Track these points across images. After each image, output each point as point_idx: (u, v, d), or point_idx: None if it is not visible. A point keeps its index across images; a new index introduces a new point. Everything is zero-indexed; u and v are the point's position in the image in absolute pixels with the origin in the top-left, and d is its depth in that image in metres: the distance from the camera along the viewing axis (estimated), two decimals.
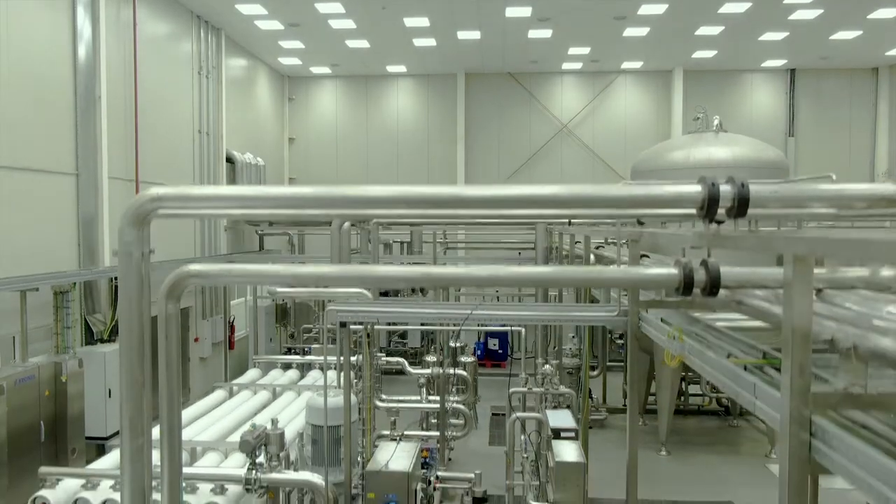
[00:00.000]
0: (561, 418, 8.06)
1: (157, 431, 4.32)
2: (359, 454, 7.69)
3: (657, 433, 13.21)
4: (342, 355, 7.27)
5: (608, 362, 17.13)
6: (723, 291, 4.16)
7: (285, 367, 12.62)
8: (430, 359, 12.31)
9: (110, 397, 11.49)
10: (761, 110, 23.32)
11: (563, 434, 7.62)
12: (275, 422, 6.60)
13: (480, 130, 23.86)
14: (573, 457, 6.98)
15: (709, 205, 3.56)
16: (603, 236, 9.84)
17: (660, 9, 16.61)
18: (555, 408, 8.73)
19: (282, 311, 20.08)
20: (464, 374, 12.03)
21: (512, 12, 16.82)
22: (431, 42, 19.56)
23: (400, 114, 24.38)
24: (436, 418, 11.91)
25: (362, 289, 10.27)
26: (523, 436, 8.98)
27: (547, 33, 18.63)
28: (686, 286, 4.07)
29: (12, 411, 9.22)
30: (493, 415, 15.01)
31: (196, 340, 16.75)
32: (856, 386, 2.59)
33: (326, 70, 23.52)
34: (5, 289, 9.54)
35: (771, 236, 3.01)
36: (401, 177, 24.09)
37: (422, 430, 11.90)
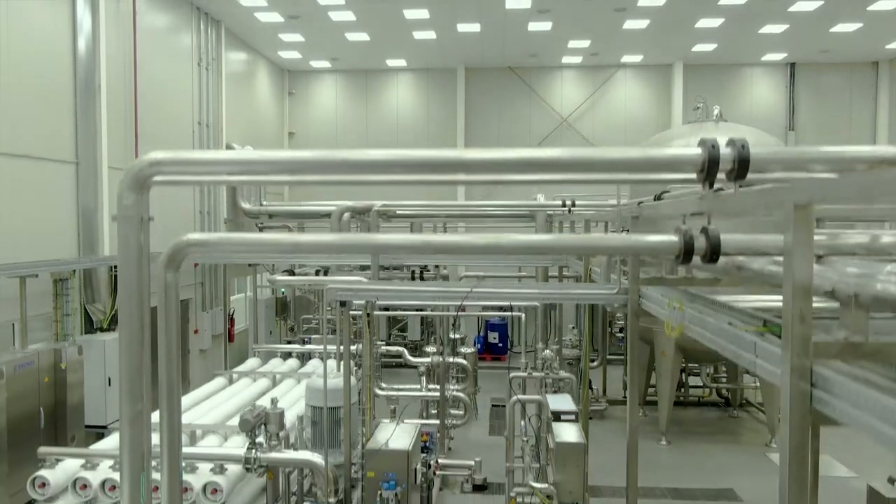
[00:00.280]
0: (561, 402, 8.06)
1: (156, 416, 4.30)
2: (359, 436, 7.67)
3: (657, 423, 13.20)
4: (342, 338, 7.26)
5: (608, 355, 17.14)
6: (723, 259, 4.16)
7: (285, 356, 12.62)
8: (430, 349, 12.32)
9: (110, 385, 11.48)
10: (761, 104, 23.30)
11: (563, 417, 7.62)
12: (274, 401, 6.60)
13: (480, 125, 23.83)
14: (573, 437, 6.98)
15: (709, 167, 3.55)
16: (603, 220, 9.83)
17: (660, 0, 16.60)
18: (555, 392, 8.72)
19: (282, 305, 20.08)
20: (463, 362, 12.02)
21: (512, 4, 16.81)
22: (431, 35, 19.54)
23: (400, 108, 24.36)
24: (436, 408, 11.91)
25: (361, 277, 10.27)
26: (523, 421, 8.98)
27: (547, 26, 18.61)
28: (686, 253, 4.06)
29: (12, 397, 9.21)
30: (493, 406, 15.00)
31: (196, 332, 16.73)
32: (857, 335, 2.58)
33: (326, 64, 23.50)
34: (4, 274, 9.53)
35: (771, 190, 3.00)
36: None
37: (422, 419, 11.89)
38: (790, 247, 2.65)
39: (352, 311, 7.75)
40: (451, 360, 11.76)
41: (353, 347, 9.35)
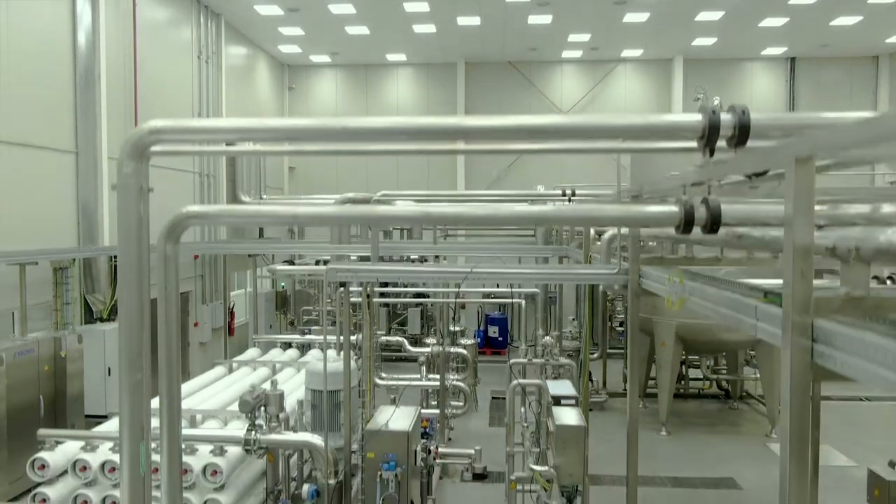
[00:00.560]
0: (561, 387, 8.04)
1: (156, 402, 4.28)
2: (359, 419, 7.66)
3: (657, 415, 13.19)
4: (341, 321, 7.25)
5: (608, 349, 17.13)
6: (723, 229, 4.15)
7: (285, 346, 12.60)
8: (430, 340, 12.31)
9: (110, 375, 11.49)
10: (761, 99, 23.29)
11: (563, 402, 7.60)
12: (274, 383, 6.59)
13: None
14: (574, 420, 6.96)
15: (709, 133, 3.54)
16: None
17: None
18: (555, 379, 8.71)
19: (282, 299, 20.07)
20: (463, 352, 12.00)
21: None
22: (431, 28, 19.54)
23: (400, 103, 24.34)
24: (436, 398, 11.89)
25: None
26: (523, 408, 8.97)
27: (547, 19, 18.60)
28: (686, 223, 4.04)
29: (12, 385, 9.21)
30: (494, 398, 14.99)
31: (196, 325, 16.73)
32: (858, 289, 2.57)
33: (326, 58, 23.49)
34: (4, 261, 9.52)
35: (771, 147, 2.99)
36: (400, 167, 24.02)
37: (422, 409, 11.88)
38: (791, 200, 2.64)
39: (352, 299, 7.75)
40: (451, 349, 11.74)
41: (354, 338, 9.36)
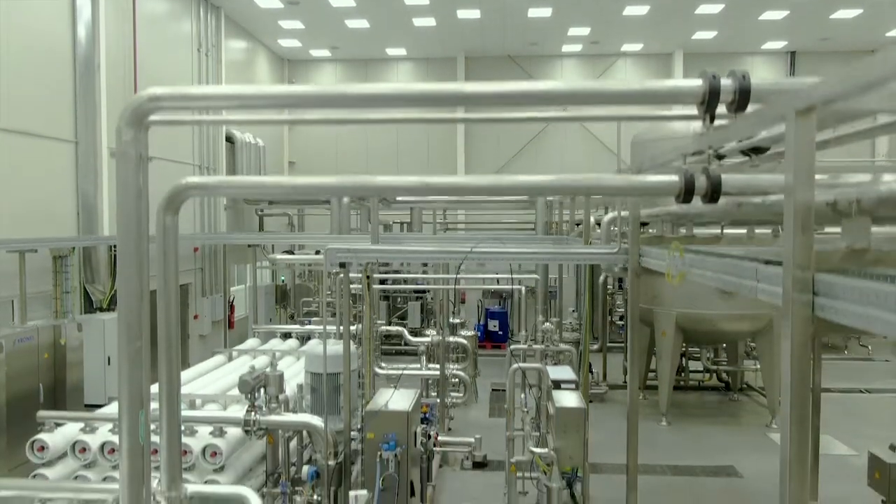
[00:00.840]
0: (561, 372, 8.05)
1: (155, 387, 4.28)
2: (358, 402, 7.65)
3: (657, 406, 13.18)
4: (341, 302, 7.24)
5: (608, 343, 17.13)
6: (723, 199, 4.15)
7: (284, 336, 12.58)
8: (430, 331, 12.31)
9: (109, 365, 11.47)
10: None
11: (563, 386, 7.60)
12: (274, 364, 6.59)
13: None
14: (574, 403, 6.96)
15: (709, 98, 3.53)
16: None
17: None
18: (555, 365, 8.71)
19: (281, 293, 20.08)
20: (463, 341, 12.00)
21: None
22: (431, 21, 19.52)
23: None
24: (436, 388, 11.89)
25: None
26: (523, 394, 8.96)
27: (547, 12, 18.59)
28: (687, 192, 4.05)
29: (11, 372, 9.20)
30: (494, 390, 14.99)
31: (196, 318, 16.73)
32: (860, 241, 2.56)
33: (326, 53, 23.48)
34: (3, 248, 9.52)
35: (770, 103, 2.99)
36: (400, 162, 24.04)
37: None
38: (791, 154, 2.63)
39: (352, 286, 7.75)
40: (450, 339, 11.73)
41: (353, 328, 9.36)
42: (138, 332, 3.88)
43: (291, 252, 15.65)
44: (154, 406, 4.24)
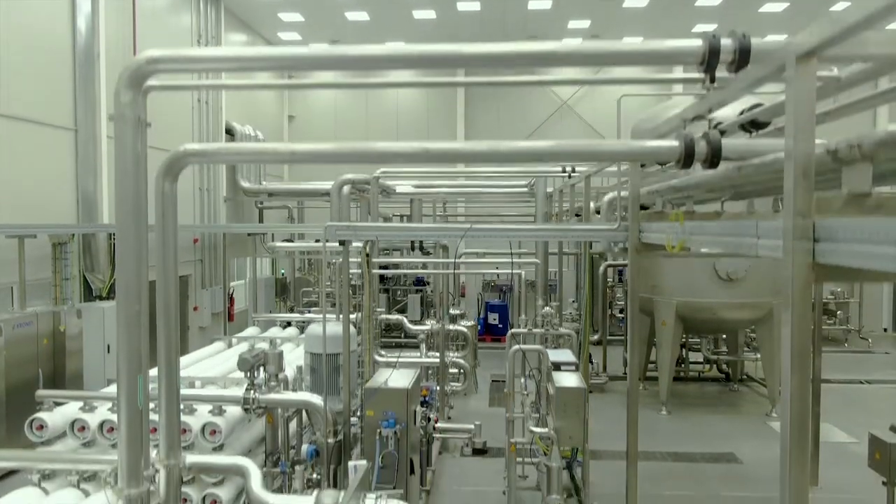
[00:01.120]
0: (561, 355, 8.04)
1: (155, 372, 4.27)
2: (358, 383, 7.64)
3: (657, 397, 13.16)
4: (341, 280, 7.22)
5: (608, 336, 17.12)
6: (723, 164, 4.14)
7: (284, 325, 12.57)
8: (431, 321, 12.29)
9: (109, 353, 11.45)
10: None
11: (563, 367, 7.60)
12: (273, 343, 6.57)
13: (480, 108, 23.82)
14: (574, 383, 6.95)
15: (709, 58, 3.53)
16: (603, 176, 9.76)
17: None
18: (555, 348, 8.70)
19: (281, 286, 20.07)
20: (464, 330, 11.98)
21: None
22: (431, 14, 19.50)
23: (399, 93, 24.31)
24: (435, 377, 11.86)
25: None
26: (523, 378, 8.95)
27: (547, 4, 18.57)
28: (687, 156, 4.04)
29: (10, 357, 9.19)
30: (494, 381, 14.98)
31: (195, 309, 16.71)
32: (861, 185, 2.54)
33: (325, 47, 23.43)
34: (3, 233, 9.51)
35: (770, 51, 2.97)
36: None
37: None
38: (792, 101, 2.62)
39: (351, 271, 7.73)
40: (450, 327, 11.71)
41: (353, 316, 9.33)
42: (137, 294, 3.87)
43: (290, 240, 15.63)
44: (153, 387, 4.24)
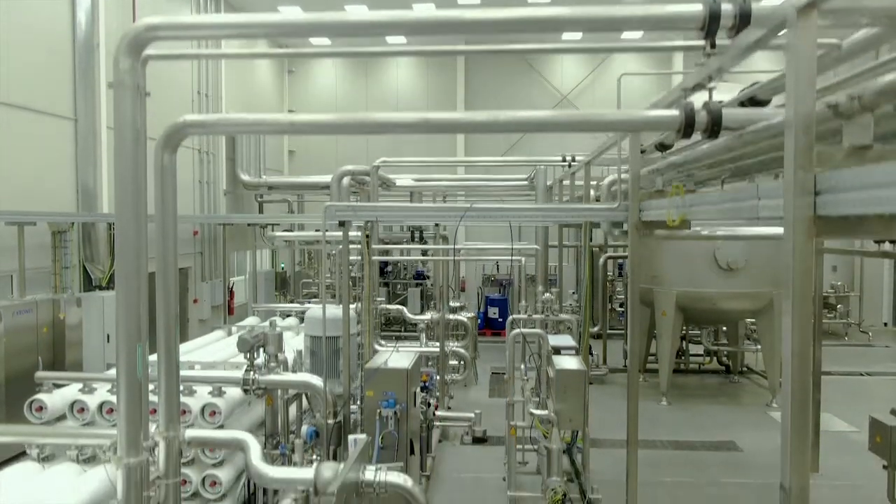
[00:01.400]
0: (562, 339, 8.03)
1: (154, 358, 4.25)
2: (357, 367, 7.62)
3: (657, 388, 13.14)
4: (340, 260, 7.21)
5: (608, 329, 17.11)
6: (723, 136, 4.13)
7: (284, 316, 12.56)
8: (431, 313, 12.28)
9: (109, 342, 11.44)
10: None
11: (563, 351, 7.59)
12: (273, 324, 6.56)
13: (480, 103, 23.77)
14: (574, 365, 6.94)
15: (710, 23, 3.51)
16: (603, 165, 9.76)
17: None
18: (555, 334, 8.69)
19: (281, 280, 20.06)
20: (464, 320, 11.97)
21: None
22: (431, 6, 19.49)
23: (400, 87, 24.29)
24: (435, 367, 11.85)
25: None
26: (523, 364, 8.93)
27: None
28: (687, 126, 4.03)
29: (10, 345, 9.17)
30: (494, 373, 14.98)
31: (195, 302, 16.70)
32: (862, 137, 2.53)
33: (326, 41, 23.40)
34: (2, 220, 9.50)
35: (769, 7, 2.96)
36: (401, 150, 23.98)
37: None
38: (793, 54, 2.61)
39: (351, 257, 7.70)
40: (451, 317, 11.70)
41: (353, 306, 9.32)
42: (136, 273, 3.85)
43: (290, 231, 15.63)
44: (152, 370, 4.21)
